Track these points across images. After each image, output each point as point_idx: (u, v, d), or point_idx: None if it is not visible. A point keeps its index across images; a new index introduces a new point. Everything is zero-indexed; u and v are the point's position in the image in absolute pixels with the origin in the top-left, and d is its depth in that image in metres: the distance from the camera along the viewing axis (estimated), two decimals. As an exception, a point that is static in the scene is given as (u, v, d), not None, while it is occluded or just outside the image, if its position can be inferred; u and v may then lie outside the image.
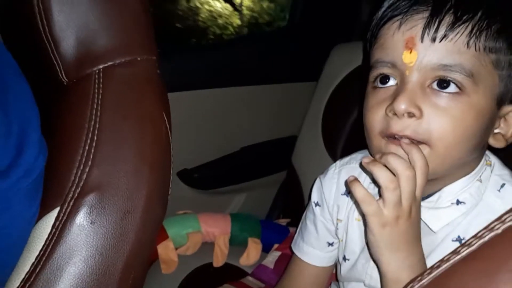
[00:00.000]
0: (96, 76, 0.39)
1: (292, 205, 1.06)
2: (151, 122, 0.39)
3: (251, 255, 0.93)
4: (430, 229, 0.51)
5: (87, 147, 0.37)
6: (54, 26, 0.38)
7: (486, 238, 0.20)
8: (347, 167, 0.64)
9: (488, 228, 0.21)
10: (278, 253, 0.92)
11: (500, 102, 0.48)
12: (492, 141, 0.50)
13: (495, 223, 0.19)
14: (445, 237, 0.51)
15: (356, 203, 0.49)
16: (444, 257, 0.21)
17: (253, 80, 1.08)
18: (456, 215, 0.50)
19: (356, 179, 0.47)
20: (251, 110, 1.11)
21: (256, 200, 1.19)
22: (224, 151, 1.10)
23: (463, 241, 0.49)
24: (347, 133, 0.97)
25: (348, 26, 1.11)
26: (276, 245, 0.95)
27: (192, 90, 1.00)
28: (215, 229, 0.95)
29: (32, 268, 0.35)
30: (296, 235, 0.71)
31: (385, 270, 0.49)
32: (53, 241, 0.35)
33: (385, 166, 0.46)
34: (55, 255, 0.35)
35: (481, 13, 0.45)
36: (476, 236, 0.21)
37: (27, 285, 0.34)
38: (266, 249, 0.96)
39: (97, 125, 0.37)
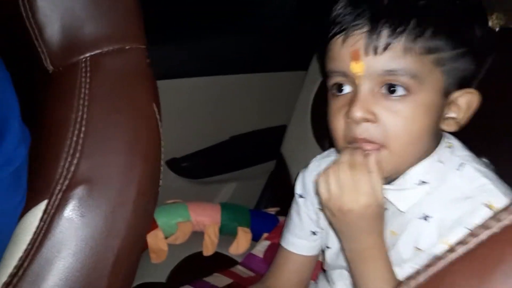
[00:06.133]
0: (83, 65, 0.38)
1: (282, 194, 1.06)
2: (142, 114, 0.39)
3: (240, 244, 0.94)
4: (399, 210, 0.56)
5: (74, 138, 0.36)
6: (38, 11, 0.36)
7: (483, 237, 0.20)
8: (326, 160, 0.68)
9: (484, 226, 0.21)
10: (268, 243, 0.93)
11: (447, 92, 0.52)
12: (444, 127, 0.55)
13: (492, 221, 0.19)
14: (413, 217, 0.55)
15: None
16: (440, 255, 0.21)
17: (244, 69, 1.07)
18: (421, 195, 0.54)
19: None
20: (241, 99, 1.10)
21: (245, 189, 1.19)
22: (213, 140, 1.10)
23: (429, 219, 0.54)
24: (336, 123, 0.97)
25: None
26: (265, 234, 0.95)
27: (182, 78, 0.99)
28: (204, 218, 0.94)
29: (20, 263, 0.34)
30: (282, 227, 0.73)
31: (345, 252, 0.56)
32: (41, 234, 0.34)
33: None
34: (43, 249, 0.34)
35: (414, 21, 0.49)
36: (472, 235, 0.21)
37: (15, 279, 0.33)
38: (255, 238, 0.96)
39: (85, 116, 0.36)
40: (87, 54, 0.38)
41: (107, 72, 0.38)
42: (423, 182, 0.55)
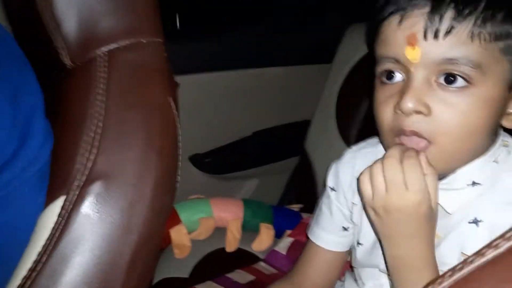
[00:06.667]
0: (101, 60, 0.38)
1: (305, 190, 1.05)
2: (158, 109, 0.38)
3: (263, 240, 0.93)
4: (445, 210, 0.51)
5: (92, 134, 0.36)
6: (55, 7, 0.36)
7: None
8: (362, 152, 0.63)
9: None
10: (291, 240, 0.91)
11: None
12: (505, 123, 0.49)
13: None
14: (461, 219, 0.50)
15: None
16: (467, 259, 0.19)
17: (267, 62, 1.06)
18: (472, 197, 0.50)
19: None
20: (264, 94, 1.09)
21: (268, 186, 1.18)
22: (236, 136, 1.09)
23: (479, 223, 0.49)
24: (361, 118, 0.95)
25: (363, 6, 1.07)
26: (288, 231, 0.94)
27: (204, 73, 0.99)
28: (227, 214, 0.94)
29: (38, 258, 0.34)
30: (311, 220, 0.71)
31: (384, 253, 0.51)
32: (59, 230, 0.34)
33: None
34: (61, 244, 0.34)
35: (484, 3, 0.43)
36: (503, 237, 0.19)
37: (34, 274, 0.34)
38: (278, 235, 0.95)
39: (103, 111, 0.36)
40: (105, 49, 0.38)
41: (124, 66, 0.38)
42: (476, 183, 0.50)
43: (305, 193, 1.04)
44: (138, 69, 0.38)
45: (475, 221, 0.49)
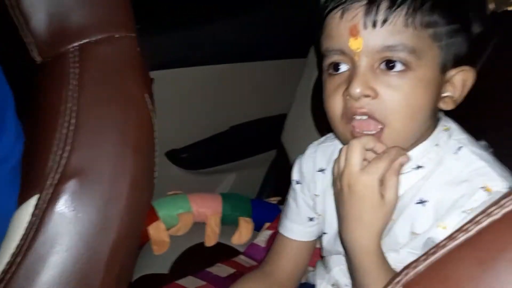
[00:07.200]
0: (72, 55, 0.37)
1: (283, 183, 1.05)
2: (133, 105, 0.38)
3: (243, 234, 0.94)
4: None
5: (64, 131, 0.35)
6: (23, 1, 0.35)
7: (484, 224, 0.19)
8: (322, 146, 0.68)
9: (485, 213, 0.20)
10: (270, 232, 0.92)
11: (444, 69, 0.52)
12: (442, 105, 0.54)
13: (493, 208, 0.18)
14: (410, 201, 0.54)
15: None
16: (440, 243, 0.20)
17: (242, 57, 1.06)
18: (417, 179, 0.54)
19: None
20: (241, 88, 1.09)
21: (246, 179, 1.18)
22: (213, 130, 1.09)
23: (425, 203, 0.53)
24: (337, 110, 0.96)
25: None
26: (267, 224, 0.95)
27: (180, 68, 0.98)
28: (206, 209, 0.94)
29: (12, 259, 0.33)
30: (280, 214, 0.73)
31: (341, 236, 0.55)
32: (33, 230, 0.34)
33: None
34: (36, 244, 0.33)
35: None
36: (473, 221, 0.20)
37: (8, 276, 0.33)
38: (257, 228, 0.96)
39: (75, 107, 0.35)
40: (76, 43, 0.37)
41: (97, 61, 0.37)
42: (419, 166, 0.54)
43: (283, 185, 1.05)
44: (111, 64, 0.38)
45: (421, 201, 0.54)
